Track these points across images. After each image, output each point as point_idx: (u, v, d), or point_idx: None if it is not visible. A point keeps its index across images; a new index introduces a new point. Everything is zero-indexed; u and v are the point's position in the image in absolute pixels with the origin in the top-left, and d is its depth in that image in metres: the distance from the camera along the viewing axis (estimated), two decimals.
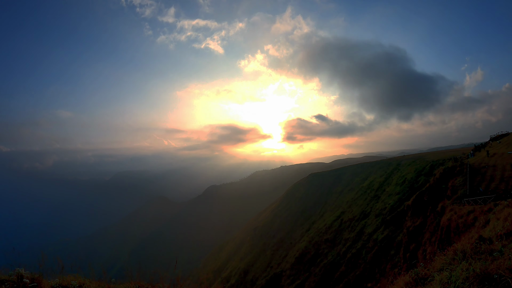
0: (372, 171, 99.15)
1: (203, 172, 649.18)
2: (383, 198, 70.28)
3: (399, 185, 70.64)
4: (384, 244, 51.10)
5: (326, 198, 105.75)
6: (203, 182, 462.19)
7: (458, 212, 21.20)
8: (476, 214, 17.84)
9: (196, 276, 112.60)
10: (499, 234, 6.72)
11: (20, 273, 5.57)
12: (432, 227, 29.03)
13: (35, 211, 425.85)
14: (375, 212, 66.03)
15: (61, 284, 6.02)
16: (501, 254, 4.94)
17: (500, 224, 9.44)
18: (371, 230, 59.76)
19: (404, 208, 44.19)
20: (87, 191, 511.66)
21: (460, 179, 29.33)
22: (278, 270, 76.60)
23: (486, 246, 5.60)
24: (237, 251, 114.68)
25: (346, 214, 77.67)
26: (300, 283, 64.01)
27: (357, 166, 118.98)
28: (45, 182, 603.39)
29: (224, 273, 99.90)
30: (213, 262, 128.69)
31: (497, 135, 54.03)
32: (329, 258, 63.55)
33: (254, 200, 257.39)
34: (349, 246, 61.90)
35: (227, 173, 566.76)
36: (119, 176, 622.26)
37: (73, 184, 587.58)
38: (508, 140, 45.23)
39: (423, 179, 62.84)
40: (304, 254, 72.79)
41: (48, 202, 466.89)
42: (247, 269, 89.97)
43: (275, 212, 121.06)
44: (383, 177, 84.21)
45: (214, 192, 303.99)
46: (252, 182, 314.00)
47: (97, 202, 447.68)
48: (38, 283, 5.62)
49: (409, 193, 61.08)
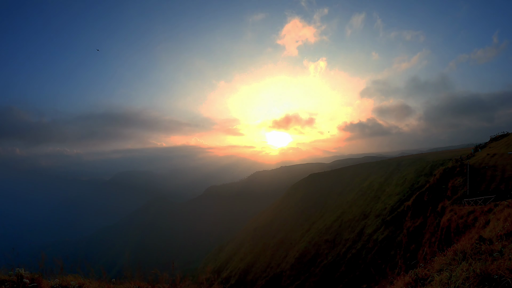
0: (372, 172, 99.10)
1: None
2: (383, 198, 70.26)
3: (399, 186, 70.63)
4: (384, 245, 51.07)
5: (326, 198, 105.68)
6: (203, 181, 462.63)
7: (458, 212, 21.18)
8: (476, 215, 17.82)
9: (196, 276, 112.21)
10: (499, 235, 6.72)
11: (20, 273, 5.57)
12: (432, 227, 29.00)
13: (35, 211, 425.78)
14: (375, 213, 66.00)
15: (61, 284, 6.02)
16: (501, 254, 4.93)
17: (500, 225, 9.43)
18: (371, 231, 59.73)
19: (404, 209, 44.13)
20: (87, 191, 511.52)
21: (460, 179, 29.31)
22: (278, 271, 76.54)
23: (486, 247, 5.60)
24: (237, 251, 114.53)
25: (346, 215, 77.62)
26: (300, 283, 63.93)
27: (357, 167, 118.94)
28: (45, 182, 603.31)
29: (224, 273, 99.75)
30: (213, 262, 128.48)
31: (497, 136, 54.03)
32: (329, 259, 63.50)
33: (254, 200, 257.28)
34: (349, 247, 61.85)
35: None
36: (119, 176, 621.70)
37: (73, 184, 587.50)
38: (508, 140, 45.21)
39: (423, 179, 62.82)
40: (304, 255, 72.74)
41: (48, 202, 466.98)
42: (247, 270, 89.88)
43: (275, 213, 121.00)
44: (383, 178, 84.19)
45: (214, 192, 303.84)
46: (252, 182, 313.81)
47: (97, 202, 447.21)
48: (38, 283, 5.62)
49: (409, 193, 61.06)
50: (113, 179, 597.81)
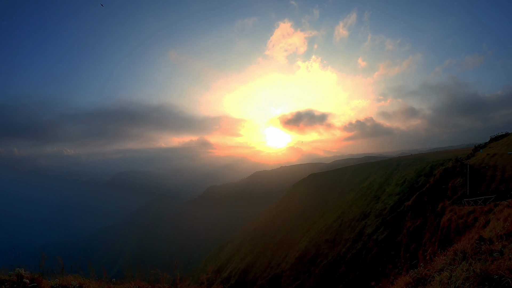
0: (372, 172, 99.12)
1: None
2: (383, 198, 70.28)
3: (399, 186, 70.66)
4: (384, 245, 51.07)
5: (326, 198, 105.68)
6: (203, 182, 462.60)
7: (458, 212, 21.19)
8: (476, 215, 17.83)
9: (196, 276, 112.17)
10: (499, 235, 6.72)
11: (20, 273, 5.57)
12: (432, 227, 29.02)
13: (35, 211, 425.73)
14: (375, 213, 66.01)
15: (61, 284, 6.02)
16: (501, 254, 4.94)
17: (500, 225, 9.43)
18: (371, 231, 59.74)
19: (404, 209, 44.17)
20: (87, 191, 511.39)
21: (460, 179, 29.32)
22: (278, 271, 76.54)
23: (486, 247, 5.60)
24: (237, 251, 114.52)
25: (346, 215, 77.62)
26: (300, 283, 63.94)
27: (357, 167, 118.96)
28: (45, 182, 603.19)
29: (224, 273, 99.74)
30: (213, 262, 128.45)
31: (497, 136, 54.06)
32: (329, 259, 63.50)
33: (254, 200, 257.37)
34: (349, 247, 61.85)
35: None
36: (119, 176, 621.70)
37: (73, 184, 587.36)
38: (508, 140, 45.23)
39: (423, 179, 62.84)
40: (304, 255, 72.74)
41: (48, 202, 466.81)
42: (247, 270, 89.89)
43: (275, 213, 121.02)
44: (383, 178, 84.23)
45: (214, 192, 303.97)
46: (252, 182, 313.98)
47: (97, 202, 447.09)
48: (38, 283, 5.62)
49: (409, 193, 61.06)
50: (113, 179, 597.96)
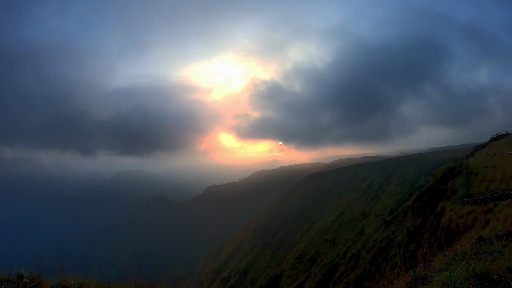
0: (372, 172, 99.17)
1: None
2: (383, 198, 70.33)
3: (399, 186, 70.72)
4: (384, 245, 51.08)
5: (326, 198, 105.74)
6: (203, 181, 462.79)
7: (458, 212, 21.18)
8: (476, 215, 17.82)
9: (196, 276, 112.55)
10: (499, 235, 6.71)
11: (20, 273, 5.57)
12: (432, 227, 29.02)
13: (34, 211, 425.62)
14: (375, 213, 66.05)
15: (61, 284, 6.01)
16: (501, 254, 4.93)
17: (500, 225, 9.42)
18: (371, 230, 59.78)
19: (404, 209, 44.18)
20: (87, 191, 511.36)
21: (460, 179, 29.31)
22: (278, 270, 76.57)
23: (486, 247, 5.60)
24: (237, 251, 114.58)
25: (346, 214, 77.67)
26: (300, 283, 63.98)
27: (357, 166, 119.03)
28: (45, 182, 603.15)
29: (224, 273, 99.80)
30: (213, 262, 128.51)
31: (497, 135, 54.06)
32: (329, 258, 63.55)
33: (254, 200, 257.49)
34: (349, 247, 61.91)
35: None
36: (119, 176, 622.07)
37: (73, 184, 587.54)
38: (508, 140, 45.24)
39: (423, 179, 62.92)
40: (304, 254, 72.79)
41: (48, 202, 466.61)
42: (247, 269, 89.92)
43: (275, 212, 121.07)
44: (383, 178, 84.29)
45: (214, 192, 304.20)
46: (252, 182, 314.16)
47: (97, 202, 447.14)
48: (38, 283, 5.62)
49: (409, 193, 61.13)
50: (113, 179, 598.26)
